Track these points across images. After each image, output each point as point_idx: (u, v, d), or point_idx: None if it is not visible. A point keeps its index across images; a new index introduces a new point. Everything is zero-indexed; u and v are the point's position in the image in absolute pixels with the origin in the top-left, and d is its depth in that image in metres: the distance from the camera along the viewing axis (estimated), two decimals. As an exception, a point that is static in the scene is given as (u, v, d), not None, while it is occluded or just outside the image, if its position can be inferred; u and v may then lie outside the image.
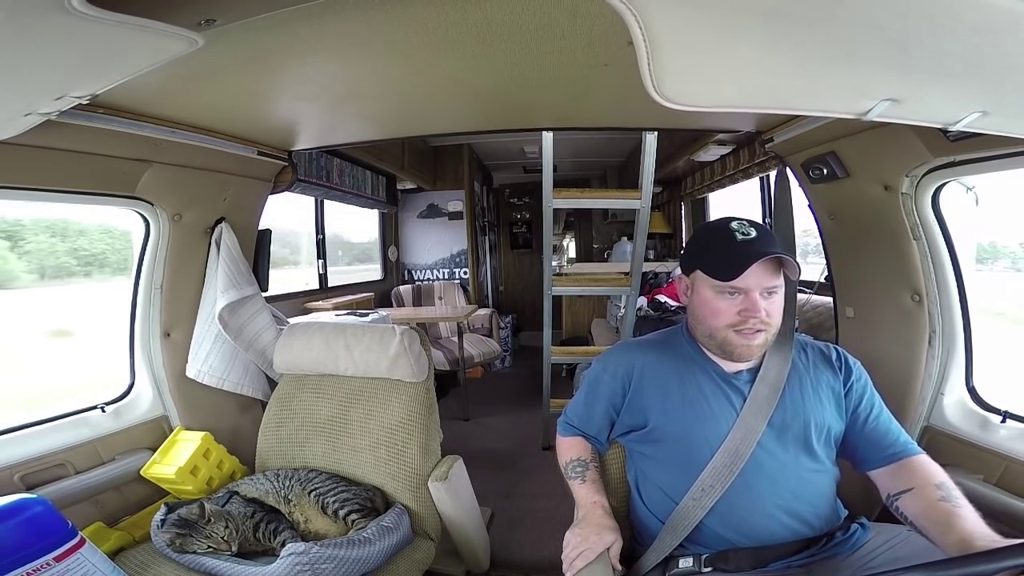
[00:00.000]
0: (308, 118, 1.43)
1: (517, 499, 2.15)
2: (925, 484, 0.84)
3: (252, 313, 1.64)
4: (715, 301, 0.90)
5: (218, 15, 0.71)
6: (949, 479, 0.85)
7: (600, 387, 1.05)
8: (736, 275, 0.86)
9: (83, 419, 1.38)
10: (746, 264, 0.85)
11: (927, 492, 0.82)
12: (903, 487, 0.86)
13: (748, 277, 0.86)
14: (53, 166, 1.15)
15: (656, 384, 0.98)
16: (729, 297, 0.89)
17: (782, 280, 0.90)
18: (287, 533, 1.18)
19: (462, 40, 0.91)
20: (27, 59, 0.63)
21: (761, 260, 0.85)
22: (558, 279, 2.46)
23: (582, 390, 1.10)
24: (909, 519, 0.83)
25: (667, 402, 0.96)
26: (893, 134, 1.13)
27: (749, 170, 2.69)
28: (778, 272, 0.89)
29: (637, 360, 1.02)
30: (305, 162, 2.63)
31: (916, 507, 0.82)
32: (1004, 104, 0.63)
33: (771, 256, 0.85)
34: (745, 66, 0.63)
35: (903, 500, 0.85)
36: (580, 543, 0.89)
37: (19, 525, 0.87)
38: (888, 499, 0.88)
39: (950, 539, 0.73)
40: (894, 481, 0.88)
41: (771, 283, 0.88)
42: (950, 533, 0.74)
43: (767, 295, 0.88)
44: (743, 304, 0.88)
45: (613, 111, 1.46)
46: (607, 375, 1.04)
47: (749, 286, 0.87)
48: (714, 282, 0.90)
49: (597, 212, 5.69)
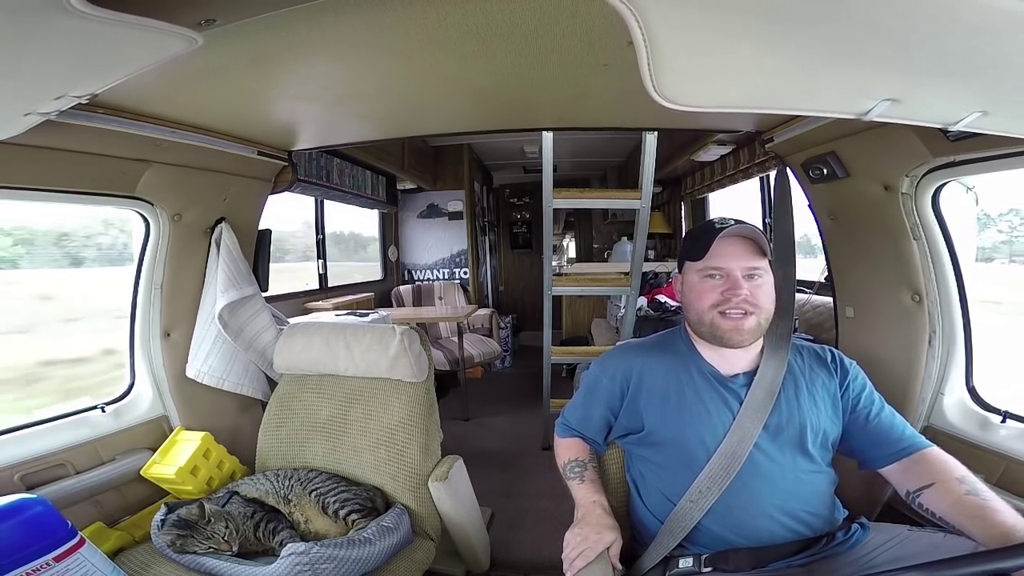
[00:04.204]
0: (308, 118, 1.43)
1: (517, 499, 2.15)
2: (946, 478, 0.83)
3: (252, 313, 1.65)
4: (699, 284, 0.96)
5: (218, 15, 0.71)
6: (968, 471, 0.84)
7: (598, 390, 1.06)
8: (708, 248, 0.92)
9: (83, 419, 1.38)
10: (714, 236, 0.92)
11: (951, 486, 0.81)
12: (922, 483, 0.84)
13: (728, 258, 0.93)
14: (53, 166, 1.15)
15: (654, 387, 0.99)
16: (712, 279, 0.95)
17: (765, 265, 0.94)
18: (286, 533, 1.18)
19: (462, 40, 0.91)
20: (27, 59, 0.63)
21: (739, 243, 0.93)
22: (558, 279, 2.46)
23: (580, 392, 1.11)
24: (938, 515, 0.81)
25: (665, 405, 0.97)
26: (893, 134, 1.13)
27: (749, 170, 2.68)
28: (758, 256, 0.93)
29: (635, 363, 1.03)
30: (305, 162, 2.63)
31: (943, 502, 0.81)
32: (1004, 104, 0.63)
33: (740, 230, 0.92)
34: (745, 66, 0.63)
35: (926, 496, 0.83)
36: (580, 543, 0.89)
37: (19, 525, 0.87)
38: (908, 496, 0.86)
39: (991, 533, 0.72)
40: (910, 477, 0.87)
41: (750, 263, 0.93)
42: (990, 527, 0.73)
43: (749, 276, 0.93)
44: (725, 284, 0.93)
45: (613, 111, 1.46)
46: (605, 378, 1.05)
47: (730, 266, 0.93)
48: (697, 266, 0.96)
49: (597, 212, 5.69)
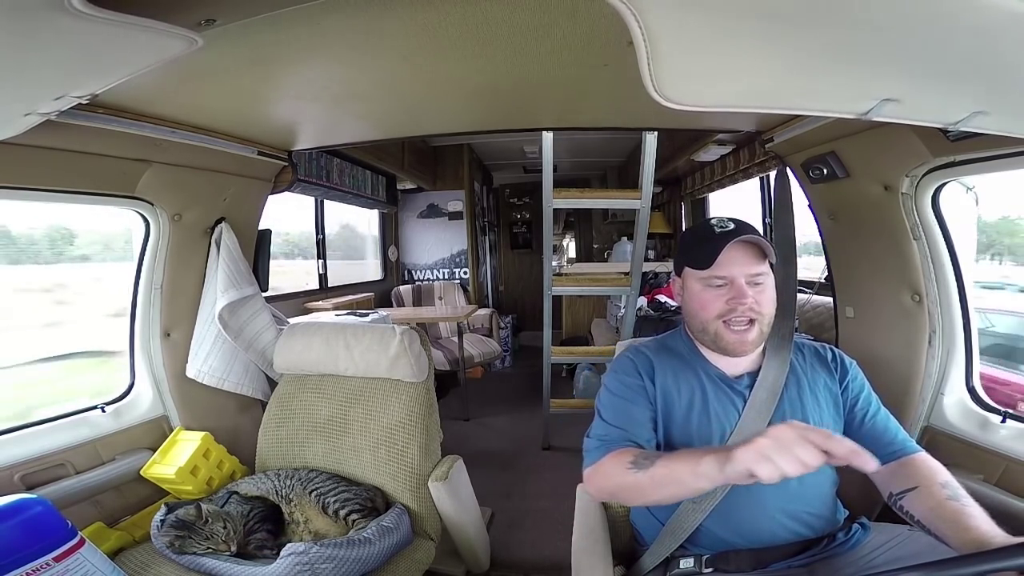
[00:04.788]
0: (308, 118, 1.43)
1: (517, 499, 2.15)
2: (930, 483, 0.83)
3: (252, 313, 1.65)
4: (703, 294, 0.93)
5: (218, 15, 0.71)
6: (952, 478, 0.84)
7: (627, 390, 0.97)
8: (714, 258, 0.89)
9: (83, 419, 1.38)
10: (721, 247, 0.88)
11: (933, 491, 0.82)
12: (906, 486, 0.85)
13: (732, 265, 0.89)
14: (53, 166, 1.15)
15: (665, 386, 0.98)
16: (716, 288, 0.92)
17: (767, 269, 0.92)
18: (268, 546, 1.16)
19: (462, 40, 0.91)
20: (27, 59, 0.63)
21: (742, 249, 0.90)
22: (558, 279, 2.46)
23: (603, 405, 0.98)
24: (916, 518, 0.82)
25: (674, 409, 0.96)
26: (893, 134, 1.13)
27: (749, 170, 2.68)
28: (761, 261, 0.91)
29: (647, 361, 1.00)
30: (305, 162, 2.63)
31: (923, 506, 0.81)
32: (1004, 104, 0.63)
33: (746, 239, 0.89)
34: (745, 66, 0.63)
35: (908, 499, 0.84)
36: (784, 441, 0.63)
37: (19, 525, 0.87)
38: (890, 498, 0.87)
39: (966, 538, 0.72)
40: (895, 480, 0.87)
41: (754, 270, 0.90)
42: (965, 532, 0.73)
43: (753, 284, 0.90)
44: (730, 293, 0.90)
45: (613, 111, 1.46)
46: (630, 377, 0.98)
47: (733, 274, 0.90)
48: (700, 274, 0.93)
49: (597, 212, 5.68)
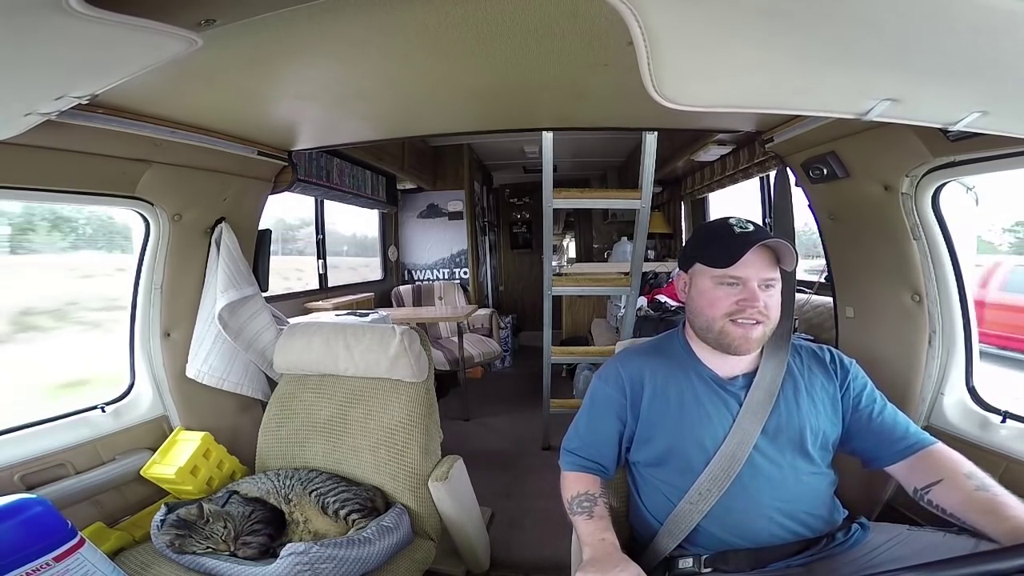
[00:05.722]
0: (308, 118, 1.43)
1: (517, 499, 2.15)
2: (954, 475, 0.83)
3: (252, 313, 1.64)
4: (713, 291, 0.92)
5: (218, 15, 0.71)
6: (976, 467, 0.83)
7: (602, 402, 1.02)
8: (736, 259, 0.88)
9: (83, 419, 1.38)
10: (745, 249, 0.87)
11: (959, 482, 0.81)
12: (930, 480, 0.84)
13: (747, 267, 0.89)
14: (53, 166, 1.15)
15: (655, 392, 0.98)
16: (728, 287, 0.91)
17: (779, 275, 0.92)
18: (256, 549, 1.14)
19: (462, 40, 0.91)
20: (27, 59, 0.63)
21: (759, 252, 0.89)
22: (558, 279, 2.46)
23: (583, 411, 1.06)
24: (948, 511, 0.81)
25: (665, 410, 0.96)
26: (893, 134, 1.13)
27: (749, 170, 2.68)
28: (775, 266, 0.91)
29: (636, 369, 1.01)
30: (305, 162, 2.63)
31: (953, 499, 0.81)
32: (1004, 104, 0.63)
33: (769, 242, 0.88)
34: (745, 66, 0.63)
35: (935, 493, 0.83)
36: None
37: (19, 525, 0.87)
38: (916, 493, 0.86)
39: (1005, 528, 0.72)
40: (916, 475, 0.87)
41: (769, 275, 0.90)
42: (1004, 522, 0.73)
43: (765, 287, 0.90)
44: (742, 294, 0.90)
45: (613, 111, 1.45)
46: (609, 388, 1.02)
47: (748, 276, 0.89)
48: (713, 272, 0.92)
49: (597, 212, 5.68)
